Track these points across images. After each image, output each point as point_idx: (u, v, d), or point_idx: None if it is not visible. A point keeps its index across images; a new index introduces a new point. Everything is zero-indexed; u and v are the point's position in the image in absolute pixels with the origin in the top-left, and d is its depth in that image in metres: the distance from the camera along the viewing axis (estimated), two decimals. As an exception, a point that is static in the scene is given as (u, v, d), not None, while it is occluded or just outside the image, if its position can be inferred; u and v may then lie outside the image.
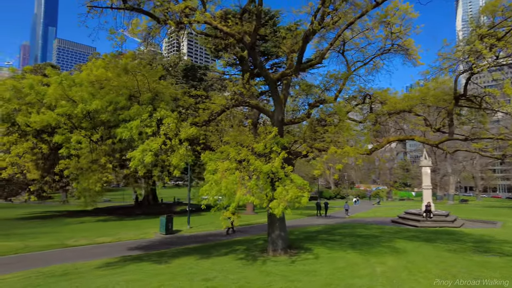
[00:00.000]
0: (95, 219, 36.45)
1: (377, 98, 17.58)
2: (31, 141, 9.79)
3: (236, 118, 14.98)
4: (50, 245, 19.21)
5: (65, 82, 10.05)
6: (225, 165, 11.38)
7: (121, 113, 11.13)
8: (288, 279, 10.11)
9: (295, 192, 11.32)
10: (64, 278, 11.24)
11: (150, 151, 10.65)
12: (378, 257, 13.62)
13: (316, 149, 12.84)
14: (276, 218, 14.97)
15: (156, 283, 9.52)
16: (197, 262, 13.63)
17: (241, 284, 9.53)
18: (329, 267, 11.85)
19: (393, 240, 18.50)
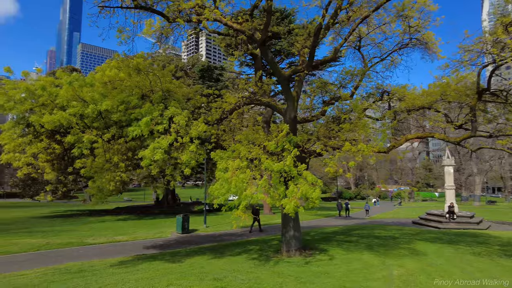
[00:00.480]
0: (115, 218, 37.17)
1: (395, 94, 17.00)
2: (44, 141, 9.97)
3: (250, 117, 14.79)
4: (69, 242, 19.67)
5: (76, 82, 10.20)
6: (236, 163, 11.22)
7: (133, 112, 11.18)
8: (300, 281, 9.83)
9: (306, 189, 11.04)
10: (78, 275, 11.40)
11: (160, 149, 10.64)
12: (396, 259, 13.10)
13: (330, 147, 12.48)
14: (290, 218, 14.71)
15: (165, 281, 9.47)
16: (209, 261, 13.55)
17: (251, 284, 9.34)
18: (343, 269, 11.48)
19: (412, 241, 17.82)
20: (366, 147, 11.27)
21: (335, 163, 11.75)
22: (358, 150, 11.28)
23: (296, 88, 13.54)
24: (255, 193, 11.06)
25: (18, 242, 19.73)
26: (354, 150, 11.43)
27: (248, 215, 11.26)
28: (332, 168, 11.53)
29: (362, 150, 11.17)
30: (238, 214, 11.02)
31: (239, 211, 11.04)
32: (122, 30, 10.49)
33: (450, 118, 14.93)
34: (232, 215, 11.26)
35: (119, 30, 10.38)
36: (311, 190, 11.22)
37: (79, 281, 10.15)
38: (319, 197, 11.41)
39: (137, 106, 11.23)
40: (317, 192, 11.16)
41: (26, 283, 10.44)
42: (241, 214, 11.10)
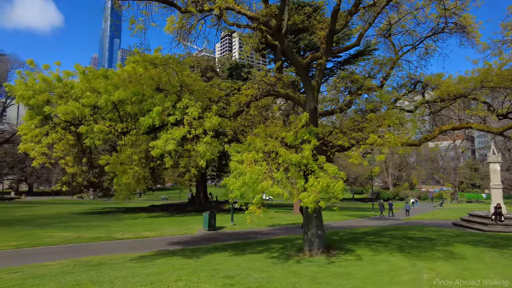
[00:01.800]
0: (148, 215, 38.16)
1: (429, 84, 15.63)
2: (60, 132, 10.13)
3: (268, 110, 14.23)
4: (98, 237, 20.27)
5: (90, 74, 10.27)
6: (251, 155, 10.73)
7: (146, 104, 11.07)
8: (315, 281, 9.14)
9: (327, 181, 10.30)
10: (96, 267, 11.51)
11: (173, 139, 10.42)
12: (428, 262, 11.93)
13: (354, 140, 11.60)
14: (312, 216, 13.97)
15: (175, 276, 9.19)
16: (227, 258, 13.20)
17: (261, 283, 8.80)
18: (367, 271, 10.58)
19: (450, 244, 16.31)
20: (393, 137, 10.28)
21: (358, 155, 10.88)
22: (384, 143, 10.32)
23: (316, 77, 12.79)
24: (272, 186, 10.49)
25: (54, 235, 20.68)
26: (380, 142, 10.50)
27: (263, 210, 10.74)
28: (356, 160, 10.68)
29: (388, 141, 10.20)
30: (252, 209, 10.55)
31: (254, 206, 10.57)
32: (134, 21, 10.40)
33: (493, 107, 13.40)
34: (246, 210, 10.81)
35: (131, 21, 10.31)
36: (333, 183, 10.48)
37: (93, 273, 10.18)
38: (342, 191, 10.60)
39: (150, 97, 11.11)
40: (340, 185, 10.39)
41: (45, 273, 10.66)
42: (255, 209, 10.61)
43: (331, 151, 11.98)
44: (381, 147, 10.56)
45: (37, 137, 9.76)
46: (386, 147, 10.49)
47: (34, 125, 9.89)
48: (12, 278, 10.11)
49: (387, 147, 10.46)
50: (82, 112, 9.94)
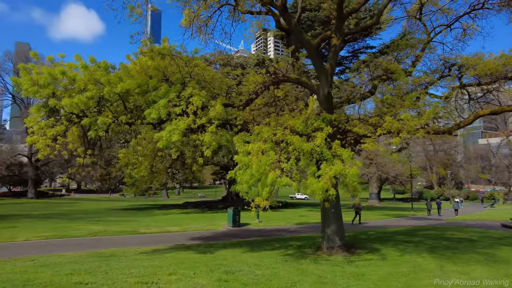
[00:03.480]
0: (180, 211, 38.74)
1: (465, 65, 13.90)
2: (64, 124, 10.18)
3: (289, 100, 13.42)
4: (124, 231, 20.64)
5: (94, 66, 10.21)
6: (257, 146, 10.05)
7: (151, 95, 10.81)
8: (320, 281, 8.27)
9: (340, 168, 9.35)
10: (105, 258, 11.48)
11: (177, 130, 10.05)
12: (461, 265, 10.50)
13: (371, 125, 10.49)
14: (330, 211, 13.00)
15: (171, 270, 8.81)
16: (238, 254, 12.62)
17: (260, 280, 8.11)
18: (385, 272, 9.47)
19: (494, 246, 14.44)
20: (411, 119, 9.06)
21: (372, 141, 9.79)
22: (401, 127, 9.13)
23: (330, 60, 11.78)
24: (280, 177, 9.75)
25: (83, 228, 21.40)
26: (397, 126, 9.33)
27: (270, 201, 10.05)
28: (370, 145, 9.59)
29: (404, 123, 9.00)
30: (258, 202, 9.88)
31: (261, 198, 9.88)
32: (133, 7, 10.16)
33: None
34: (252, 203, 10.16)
35: (129, 7, 10.08)
36: (348, 169, 9.49)
37: (97, 264, 10.11)
38: (357, 176, 9.54)
39: (155, 88, 10.83)
40: (354, 170, 9.36)
41: (56, 262, 10.79)
42: (263, 202, 9.92)
43: (346, 140, 10.93)
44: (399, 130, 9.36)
45: (43, 129, 9.85)
46: (405, 132, 9.28)
47: (41, 118, 10.01)
48: (23, 265, 10.32)
49: (405, 131, 9.25)
50: (86, 104, 9.89)
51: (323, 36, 11.37)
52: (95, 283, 7.44)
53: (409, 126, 9.22)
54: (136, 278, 7.89)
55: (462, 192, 76.35)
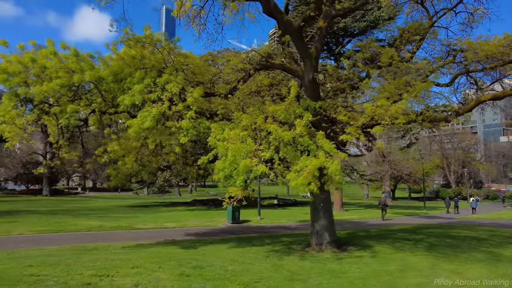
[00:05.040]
0: (186, 208, 38.62)
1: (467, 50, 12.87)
2: (35, 113, 9.91)
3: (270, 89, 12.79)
4: (120, 226, 20.45)
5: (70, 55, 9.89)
6: (233, 133, 9.48)
7: (126, 83, 10.40)
8: (292, 277, 7.64)
9: (320, 161, 8.65)
10: (84, 252, 11.23)
11: (150, 116, 9.60)
12: (457, 264, 9.62)
13: (357, 113, 9.73)
14: (319, 205, 12.29)
15: (138, 263, 8.35)
16: (222, 250, 12.10)
17: (225, 276, 7.55)
18: (369, 270, 8.73)
19: (502, 245, 13.38)
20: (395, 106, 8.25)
21: (354, 130, 9.03)
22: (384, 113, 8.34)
23: (315, 43, 11.05)
24: (257, 164, 9.14)
25: (80, 223, 21.36)
26: (380, 113, 8.55)
27: (246, 192, 9.49)
28: (351, 135, 8.85)
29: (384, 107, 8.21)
30: (233, 192, 9.31)
31: (236, 189, 9.31)
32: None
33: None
34: (227, 194, 9.60)
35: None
36: (329, 162, 8.78)
37: (67, 257, 9.78)
38: (339, 171, 8.80)
39: (129, 75, 10.41)
40: (334, 165, 8.65)
41: (29, 255, 10.59)
42: (238, 192, 9.35)
43: (332, 129, 10.20)
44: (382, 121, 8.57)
45: (13, 119, 9.59)
46: (387, 118, 8.48)
47: (12, 107, 9.76)
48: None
49: (387, 117, 8.44)
50: (57, 93, 9.58)
51: (305, 17, 10.62)
52: (48, 275, 7.05)
53: (394, 112, 8.42)
54: (94, 271, 7.46)
55: (482, 192, 73.41)
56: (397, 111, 8.45)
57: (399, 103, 8.65)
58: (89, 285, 6.39)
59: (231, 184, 9.30)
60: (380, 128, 8.65)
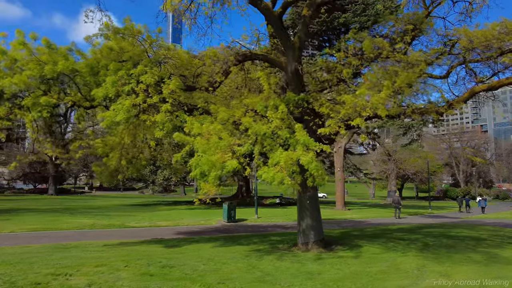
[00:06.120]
0: (186, 207, 38.33)
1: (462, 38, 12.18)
2: (6, 106, 9.62)
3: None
4: (112, 224, 20.21)
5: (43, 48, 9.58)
6: (205, 126, 9.04)
7: (101, 75, 10.04)
8: (261, 279, 7.15)
9: (296, 155, 8.17)
10: (61, 250, 10.89)
11: (123, 109, 9.21)
12: (448, 265, 9.03)
13: (339, 105, 9.18)
14: (305, 203, 11.76)
15: (105, 261, 8.00)
16: (204, 249, 11.69)
17: (192, 276, 7.10)
18: (349, 271, 8.19)
19: (502, 246, 12.69)
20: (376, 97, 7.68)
21: (335, 123, 8.49)
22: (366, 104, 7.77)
23: (299, 32, 10.53)
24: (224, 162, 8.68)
25: (73, 221, 21.19)
26: (361, 103, 8.00)
27: (221, 188, 9.05)
28: (331, 128, 8.31)
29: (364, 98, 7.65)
30: (206, 188, 8.87)
31: (209, 185, 8.87)
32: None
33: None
34: (200, 191, 9.16)
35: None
36: (304, 155, 8.27)
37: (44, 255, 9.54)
38: (313, 164, 8.25)
39: (104, 67, 10.04)
40: (308, 157, 8.13)
41: (12, 252, 10.39)
42: (211, 188, 8.91)
43: (315, 122, 9.66)
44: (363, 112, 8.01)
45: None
46: (368, 109, 7.92)
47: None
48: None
49: (368, 109, 7.88)
50: (26, 84, 9.27)
51: (284, 3, 10.10)
52: (2, 274, 6.70)
53: (375, 102, 7.84)
54: (54, 270, 7.12)
55: (492, 191, 71.66)
56: (378, 101, 7.89)
57: (382, 93, 8.08)
58: (39, 284, 6.01)
59: (204, 180, 8.86)
60: (360, 120, 8.08)
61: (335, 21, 30.20)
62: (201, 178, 9.37)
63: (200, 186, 8.95)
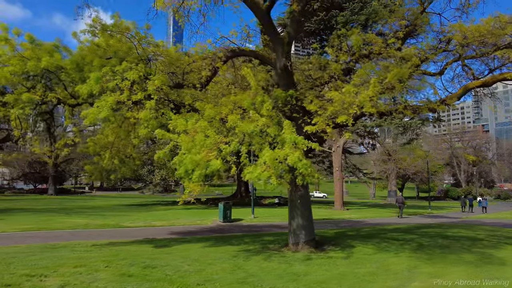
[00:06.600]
0: (183, 207, 37.99)
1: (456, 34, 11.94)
2: (-10, 103, 9.47)
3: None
4: (106, 224, 20.02)
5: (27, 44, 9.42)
6: (191, 123, 8.83)
7: (85, 71, 9.85)
8: (243, 280, 6.93)
9: (284, 153, 7.96)
10: (47, 250, 10.68)
11: (106, 106, 9.02)
12: (440, 266, 8.82)
13: (327, 101, 8.96)
14: (296, 202, 11.55)
15: (85, 262, 7.81)
16: (193, 249, 11.47)
17: (173, 277, 6.88)
18: (337, 272, 7.97)
19: (498, 246, 12.43)
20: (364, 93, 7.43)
21: (322, 120, 8.27)
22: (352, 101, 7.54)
23: (288, 28, 10.31)
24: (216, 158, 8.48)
25: (67, 221, 21.02)
26: (348, 100, 7.77)
27: (207, 187, 8.85)
28: (318, 126, 8.09)
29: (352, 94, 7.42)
30: (190, 188, 8.65)
31: (193, 184, 8.65)
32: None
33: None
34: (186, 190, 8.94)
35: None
36: (291, 153, 8.06)
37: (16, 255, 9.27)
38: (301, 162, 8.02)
39: (89, 63, 9.86)
40: (294, 156, 7.90)
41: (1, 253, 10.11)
42: (195, 188, 8.68)
43: (304, 119, 9.43)
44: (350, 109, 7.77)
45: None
46: (355, 107, 7.68)
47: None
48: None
49: (355, 106, 7.65)
50: (8, 80, 9.09)
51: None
52: (-25, 275, 6.51)
53: (362, 99, 7.60)
54: (30, 270, 6.93)
55: (493, 191, 71.17)
56: (365, 98, 7.65)
57: (368, 90, 7.84)
58: (9, 286, 5.81)
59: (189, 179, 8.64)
60: (346, 117, 7.83)
61: (333, 20, 29.93)
62: (186, 176, 9.18)
63: (185, 186, 8.72)
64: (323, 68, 11.68)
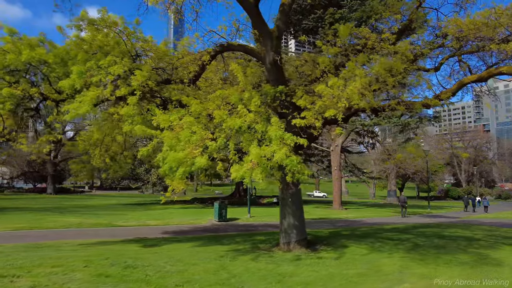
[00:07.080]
0: (181, 206, 37.85)
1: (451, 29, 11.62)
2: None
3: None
4: (99, 223, 19.79)
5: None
6: (173, 118, 8.57)
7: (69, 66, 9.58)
8: (226, 282, 6.66)
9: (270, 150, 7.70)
10: (31, 249, 10.48)
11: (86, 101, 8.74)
12: (434, 267, 8.53)
13: (316, 96, 8.66)
14: (287, 201, 11.27)
15: (64, 261, 7.54)
16: (182, 249, 11.23)
17: (151, 278, 6.61)
18: (324, 273, 7.69)
19: (494, 246, 12.12)
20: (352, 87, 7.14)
21: (311, 115, 7.98)
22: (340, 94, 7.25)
23: (277, 21, 10.01)
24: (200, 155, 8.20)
25: (59, 220, 20.80)
26: (337, 94, 7.47)
27: (191, 185, 8.53)
28: (307, 120, 7.81)
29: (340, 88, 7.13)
30: (174, 185, 8.37)
31: (175, 182, 8.36)
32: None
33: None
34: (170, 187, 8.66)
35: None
36: (278, 150, 7.78)
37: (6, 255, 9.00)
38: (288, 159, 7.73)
39: (73, 57, 9.59)
40: (282, 152, 7.63)
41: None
42: (179, 185, 8.40)
43: (293, 115, 9.14)
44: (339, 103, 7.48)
45: None
46: (343, 100, 7.40)
47: None
48: None
49: (344, 100, 7.36)
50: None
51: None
52: None
53: (350, 92, 7.31)
54: (3, 271, 6.67)
55: (494, 191, 70.71)
56: (353, 91, 7.36)
57: (356, 82, 7.55)
58: (-24, 287, 5.55)
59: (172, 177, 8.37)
60: (334, 111, 7.53)
61: (331, 17, 29.57)
62: (170, 173, 8.89)
63: (167, 183, 8.45)
64: (314, 63, 11.37)
